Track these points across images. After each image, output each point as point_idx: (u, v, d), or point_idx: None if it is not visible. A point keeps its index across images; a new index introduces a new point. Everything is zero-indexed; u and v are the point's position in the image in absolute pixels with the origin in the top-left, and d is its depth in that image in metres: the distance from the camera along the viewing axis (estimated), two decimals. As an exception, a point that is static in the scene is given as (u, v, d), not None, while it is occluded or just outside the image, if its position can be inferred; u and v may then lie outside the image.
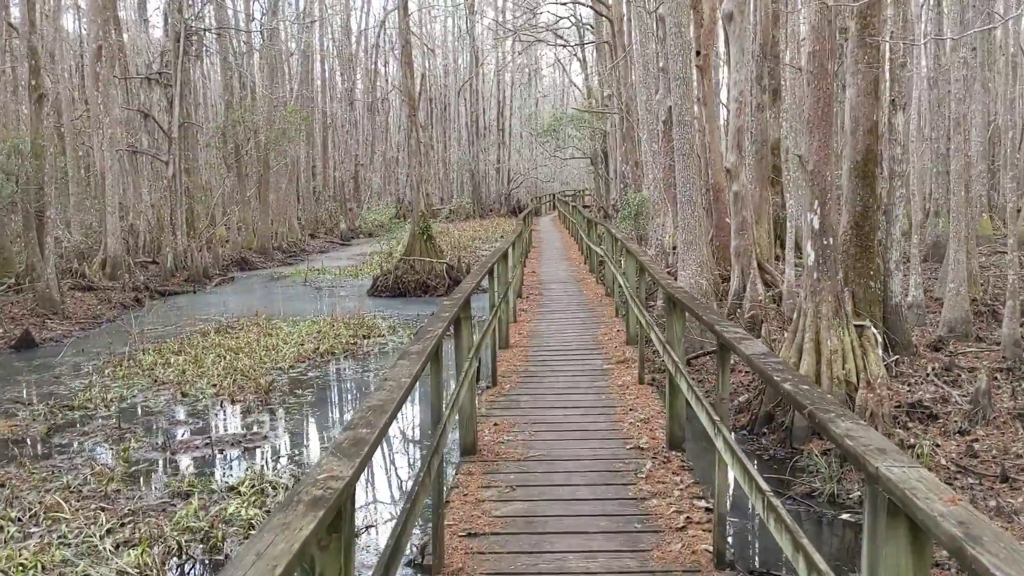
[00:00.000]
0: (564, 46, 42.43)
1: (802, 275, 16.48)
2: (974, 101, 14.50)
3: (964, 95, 14.02)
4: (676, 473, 5.54)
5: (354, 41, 60.65)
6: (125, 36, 44.63)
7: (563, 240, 31.71)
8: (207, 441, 10.99)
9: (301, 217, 47.63)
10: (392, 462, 10.77)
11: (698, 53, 18.21)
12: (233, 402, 13.05)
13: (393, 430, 11.71)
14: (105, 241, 27.38)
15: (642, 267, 7.86)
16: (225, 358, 15.81)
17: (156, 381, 14.48)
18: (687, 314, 5.48)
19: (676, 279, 14.40)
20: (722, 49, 30.71)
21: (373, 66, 61.22)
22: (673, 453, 5.98)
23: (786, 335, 10.97)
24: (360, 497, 9.32)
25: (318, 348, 16.58)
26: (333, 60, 59.80)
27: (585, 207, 45.70)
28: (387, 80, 64.72)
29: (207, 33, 31.83)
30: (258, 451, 10.70)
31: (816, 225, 10.19)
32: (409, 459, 10.75)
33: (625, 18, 34.35)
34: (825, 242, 10.21)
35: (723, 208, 18.70)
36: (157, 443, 10.95)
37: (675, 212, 26.75)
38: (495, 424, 6.99)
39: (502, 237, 20.67)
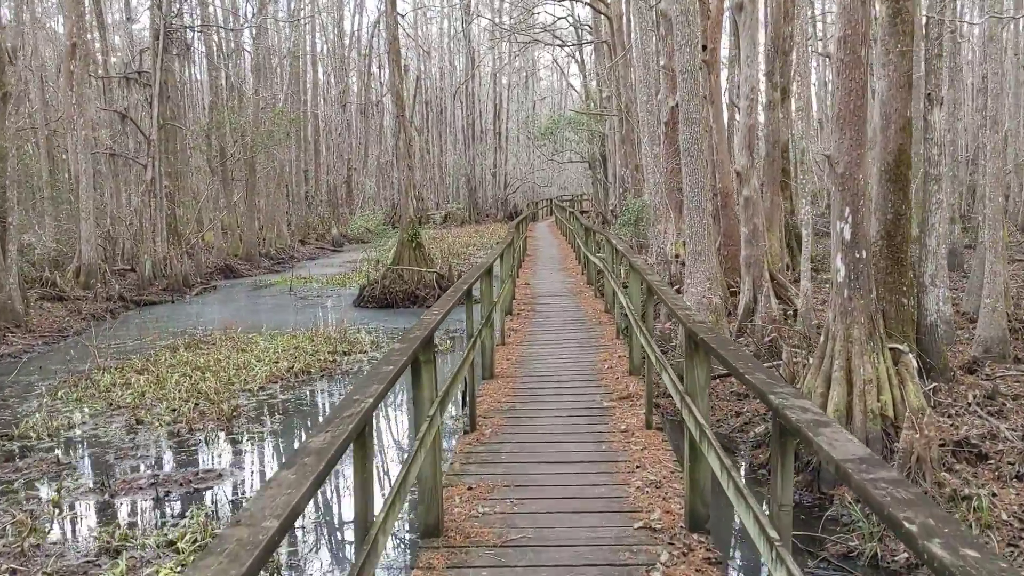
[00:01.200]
0: (562, 46, 41.21)
1: (823, 289, 15.13)
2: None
3: (999, 90, 12.74)
4: (700, 570, 4.18)
5: (347, 42, 59.41)
6: (116, 38, 43.31)
7: (560, 248, 30.31)
8: (153, 480, 9.67)
9: (291, 222, 46.30)
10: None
11: (704, 48, 16.90)
12: (191, 431, 11.74)
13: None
14: (79, 248, 26.09)
15: (650, 288, 6.50)
16: (191, 378, 14.51)
17: (111, 405, 13.18)
18: (713, 356, 4.17)
19: (683, 293, 13.11)
20: (724, 53, 29.46)
21: (366, 68, 59.92)
22: (695, 538, 4.60)
23: (811, 360, 9.65)
24: None
25: (292, 367, 15.27)
26: (326, 61, 58.53)
27: (583, 212, 44.45)
28: (381, 83, 63.39)
29: (189, 31, 30.53)
30: (209, 493, 9.38)
31: (847, 236, 8.89)
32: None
33: (624, 17, 33.11)
34: (857, 255, 8.91)
35: (731, 214, 17.44)
36: (96, 483, 9.62)
37: (678, 218, 25.45)
38: (469, 488, 5.60)
39: (497, 243, 19.19)
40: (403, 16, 49.11)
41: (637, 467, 5.85)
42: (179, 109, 38.10)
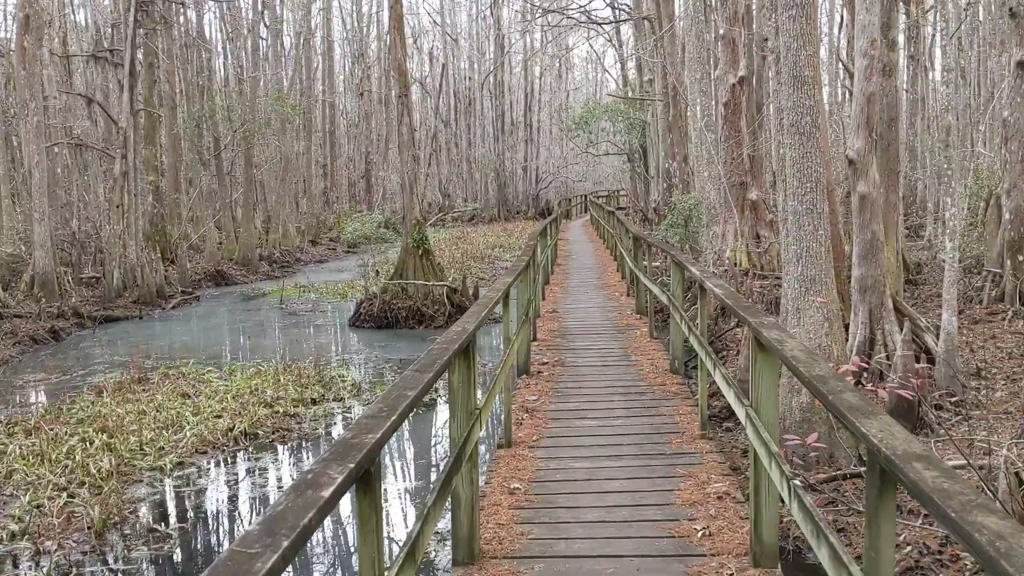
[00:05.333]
0: (598, 23, 36.85)
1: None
2: None
3: None
4: None
5: (366, 27, 55.36)
6: (83, 13, 39.09)
7: (596, 254, 25.81)
8: None
9: (301, 222, 42.35)
10: None
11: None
12: (38, 552, 7.69)
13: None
14: (33, 254, 22.31)
15: (870, 443, 2.35)
16: (89, 445, 10.47)
17: (-44, 493, 9.17)
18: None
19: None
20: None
21: (387, 54, 55.89)
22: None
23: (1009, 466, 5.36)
24: None
25: (234, 427, 11.14)
26: (342, 44, 54.65)
27: (620, 209, 40.15)
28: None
29: (169, 3, 26.61)
30: None
31: None
32: None
33: (670, -14, 28.73)
34: None
35: (833, 218, 13.04)
36: None
37: (740, 218, 21.12)
38: None
39: (514, 259, 14.67)
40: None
41: None
42: (177, 94, 34.29)
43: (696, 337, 6.44)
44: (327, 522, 8.44)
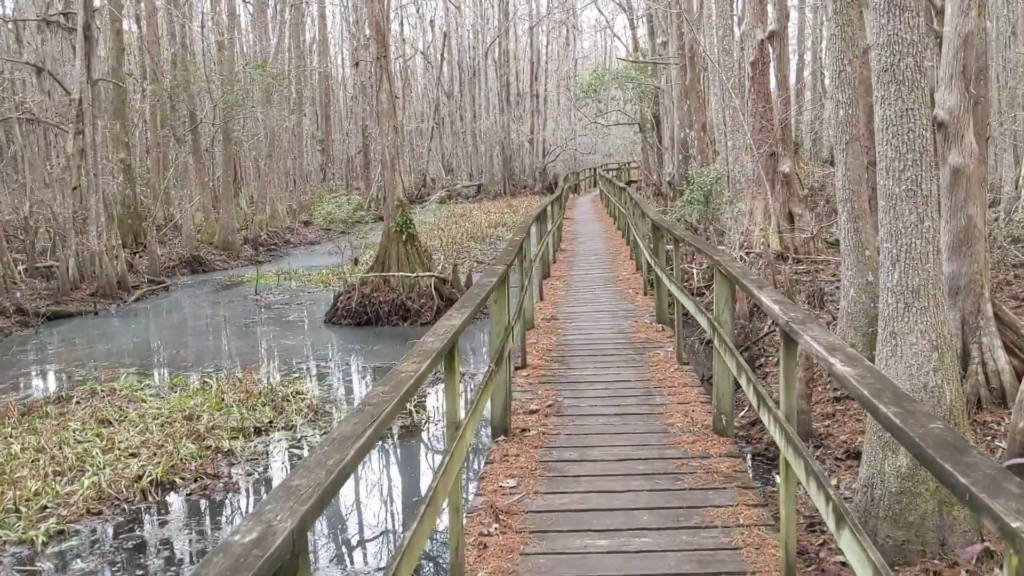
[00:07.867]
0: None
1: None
2: None
3: None
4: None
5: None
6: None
7: (606, 236, 23.11)
8: None
9: (293, 201, 39.86)
10: None
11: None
12: None
13: None
14: (-25, 243, 19.93)
15: None
16: (-46, 502, 8.08)
17: None
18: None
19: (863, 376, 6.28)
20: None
21: (386, 21, 53.08)
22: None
23: None
24: None
25: (143, 475, 8.70)
26: (342, 14, 51.86)
27: (631, 183, 37.53)
28: (403, 39, 56.65)
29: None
30: None
31: None
32: None
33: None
34: None
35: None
36: None
37: (772, 194, 18.54)
38: None
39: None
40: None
41: None
42: (174, 67, 31.65)
43: (781, 428, 3.65)
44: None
